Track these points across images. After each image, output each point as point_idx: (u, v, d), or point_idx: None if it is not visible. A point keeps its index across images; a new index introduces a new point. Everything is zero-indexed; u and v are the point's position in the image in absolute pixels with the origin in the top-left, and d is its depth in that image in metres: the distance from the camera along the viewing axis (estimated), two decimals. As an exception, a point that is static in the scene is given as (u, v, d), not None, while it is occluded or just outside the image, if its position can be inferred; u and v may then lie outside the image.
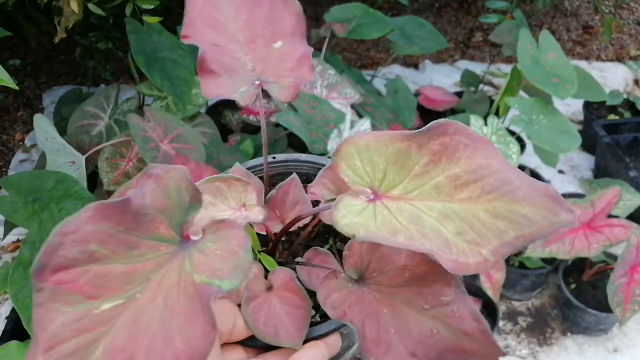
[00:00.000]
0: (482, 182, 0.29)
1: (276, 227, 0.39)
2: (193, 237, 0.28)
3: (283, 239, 0.42)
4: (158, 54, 1.03)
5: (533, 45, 1.20)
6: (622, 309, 1.01)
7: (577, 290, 1.20)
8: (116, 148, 1.02)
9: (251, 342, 0.33)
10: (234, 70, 0.38)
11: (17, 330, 0.97)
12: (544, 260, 1.20)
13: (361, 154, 0.30)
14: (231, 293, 0.34)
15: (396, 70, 1.98)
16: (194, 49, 1.19)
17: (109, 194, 0.90)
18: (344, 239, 0.41)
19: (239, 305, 0.34)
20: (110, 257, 0.26)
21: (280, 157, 0.45)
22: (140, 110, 1.16)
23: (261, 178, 0.41)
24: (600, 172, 1.51)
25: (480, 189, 0.29)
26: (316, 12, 2.32)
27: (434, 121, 0.30)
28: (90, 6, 1.00)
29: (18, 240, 1.32)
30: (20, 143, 1.66)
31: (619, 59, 2.10)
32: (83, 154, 0.94)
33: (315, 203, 0.39)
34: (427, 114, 1.56)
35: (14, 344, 0.80)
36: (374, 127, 1.15)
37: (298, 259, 0.39)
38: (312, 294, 0.36)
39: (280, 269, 0.36)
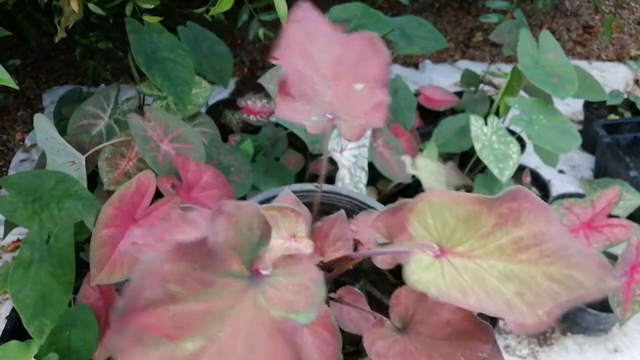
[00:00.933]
0: (541, 246, 0.30)
1: (315, 259, 0.40)
2: (263, 272, 0.29)
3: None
4: (158, 54, 1.03)
5: (533, 45, 1.20)
6: (622, 308, 1.01)
7: (577, 290, 1.20)
8: (116, 148, 1.02)
9: None
10: (311, 100, 0.39)
11: (17, 330, 0.98)
12: (544, 260, 1.20)
13: (434, 212, 0.32)
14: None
15: (396, 70, 1.98)
16: (193, 50, 1.19)
17: (109, 193, 0.90)
18: (374, 282, 0.42)
19: None
20: (188, 296, 0.26)
21: (325, 187, 0.45)
22: (140, 110, 1.16)
23: (307, 204, 0.42)
24: (601, 172, 1.51)
25: (539, 252, 0.30)
26: (316, 12, 2.32)
27: (508, 189, 0.32)
28: (91, 6, 1.00)
29: (18, 240, 1.32)
30: (21, 143, 1.66)
31: (619, 58, 2.10)
32: (83, 154, 0.94)
33: (355, 241, 0.40)
34: (427, 114, 1.56)
35: (14, 343, 0.80)
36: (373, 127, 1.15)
37: (331, 294, 0.40)
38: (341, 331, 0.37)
39: None
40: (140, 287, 0.26)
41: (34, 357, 0.79)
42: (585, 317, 1.15)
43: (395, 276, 0.34)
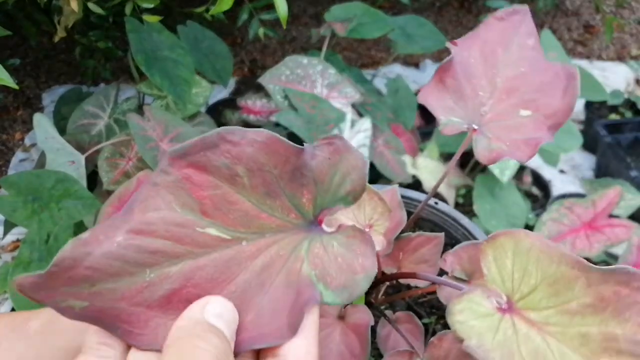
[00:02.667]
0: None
1: (389, 269, 0.36)
2: (325, 227, 0.26)
3: (391, 283, 0.38)
4: (158, 53, 1.03)
5: (534, 44, 1.20)
6: (624, 309, 1.00)
7: (578, 291, 1.20)
8: (116, 147, 1.01)
9: None
10: (465, 102, 0.34)
11: (16, 330, 0.97)
12: (545, 260, 1.20)
13: (517, 255, 0.26)
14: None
15: (397, 69, 1.97)
16: (193, 49, 1.19)
17: (109, 193, 0.90)
18: (447, 326, 0.38)
19: None
20: (247, 190, 0.24)
21: (441, 205, 0.41)
22: (140, 109, 1.16)
23: (409, 213, 0.37)
24: (602, 171, 1.50)
25: None
26: (316, 11, 2.32)
27: (620, 267, 0.26)
28: (90, 5, 1.00)
29: (18, 240, 1.32)
30: (20, 142, 1.66)
31: (620, 58, 2.10)
32: (83, 154, 0.94)
33: (442, 272, 0.36)
34: (427, 114, 1.56)
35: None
36: (374, 127, 1.15)
37: (388, 312, 0.36)
38: (375, 347, 0.33)
39: (362, 309, 0.33)
40: (214, 144, 0.23)
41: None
42: (586, 317, 1.15)
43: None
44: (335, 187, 0.25)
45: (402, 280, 0.36)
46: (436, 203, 0.42)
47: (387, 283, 0.38)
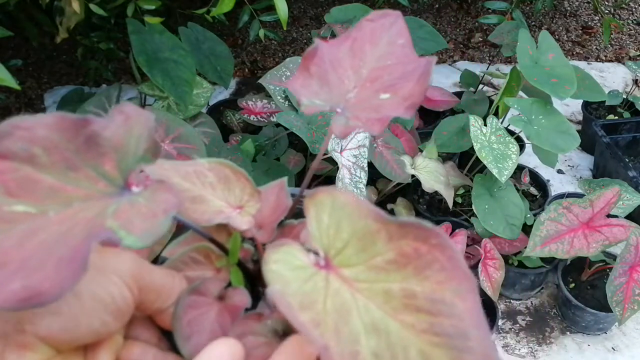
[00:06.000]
0: (435, 318, 0.24)
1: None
2: (134, 189, 0.27)
3: None
4: (159, 54, 1.04)
5: (532, 45, 1.21)
6: (622, 308, 1.01)
7: (576, 290, 1.20)
8: (118, 148, 1.02)
9: (168, 336, 0.31)
10: (330, 87, 0.36)
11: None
12: (543, 259, 1.21)
13: (333, 211, 0.27)
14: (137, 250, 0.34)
15: (396, 70, 1.98)
16: (194, 50, 1.19)
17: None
18: None
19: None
20: (48, 167, 0.26)
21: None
22: (141, 110, 1.17)
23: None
24: (600, 172, 1.51)
25: (429, 324, 0.24)
26: (316, 13, 2.33)
27: (415, 219, 0.25)
28: (92, 6, 1.00)
29: (20, 240, 1.33)
30: (22, 143, 1.67)
31: (618, 59, 2.11)
32: (85, 154, 0.95)
33: None
34: (427, 114, 1.57)
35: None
36: (374, 127, 1.16)
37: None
38: None
39: (242, 291, 0.34)
40: (7, 133, 0.25)
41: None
42: (584, 316, 1.16)
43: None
44: (134, 149, 0.27)
45: None
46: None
47: None
